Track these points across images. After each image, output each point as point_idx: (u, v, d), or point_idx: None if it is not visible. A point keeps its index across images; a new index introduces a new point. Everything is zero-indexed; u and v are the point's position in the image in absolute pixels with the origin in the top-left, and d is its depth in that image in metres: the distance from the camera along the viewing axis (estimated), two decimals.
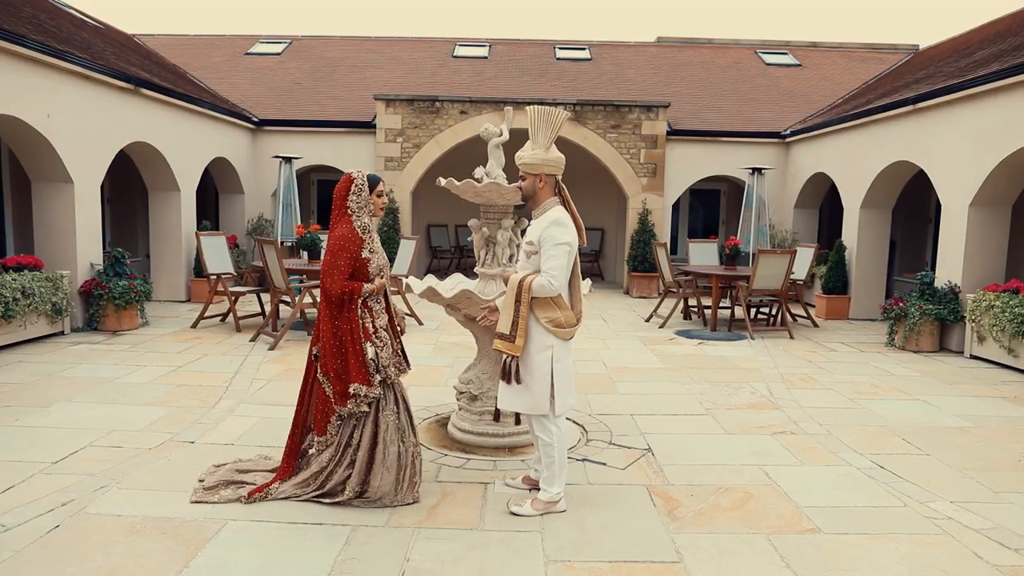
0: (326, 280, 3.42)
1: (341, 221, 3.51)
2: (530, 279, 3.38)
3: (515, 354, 3.40)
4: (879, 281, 10.33)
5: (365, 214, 3.56)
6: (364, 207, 3.55)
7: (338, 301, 3.46)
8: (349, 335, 3.47)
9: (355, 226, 3.49)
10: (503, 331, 3.44)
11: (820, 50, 17.46)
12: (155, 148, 9.52)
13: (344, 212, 3.51)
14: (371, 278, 3.57)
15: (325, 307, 3.51)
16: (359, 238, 3.49)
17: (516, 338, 3.40)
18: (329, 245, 3.48)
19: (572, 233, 3.40)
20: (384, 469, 3.54)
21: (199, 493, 3.58)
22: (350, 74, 15.30)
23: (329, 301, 3.48)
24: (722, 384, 6.28)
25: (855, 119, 10.17)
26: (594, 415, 5.22)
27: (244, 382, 5.93)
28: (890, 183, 9.86)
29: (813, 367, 7.06)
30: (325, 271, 3.43)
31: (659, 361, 7.22)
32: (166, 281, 10.30)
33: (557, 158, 3.47)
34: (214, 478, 3.73)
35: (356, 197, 3.52)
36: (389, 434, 3.56)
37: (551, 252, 3.33)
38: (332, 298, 3.45)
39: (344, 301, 3.46)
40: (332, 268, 3.42)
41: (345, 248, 3.44)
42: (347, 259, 3.44)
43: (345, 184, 3.55)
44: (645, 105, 12.66)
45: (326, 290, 3.44)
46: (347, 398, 3.49)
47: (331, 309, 3.49)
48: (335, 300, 3.45)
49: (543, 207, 3.49)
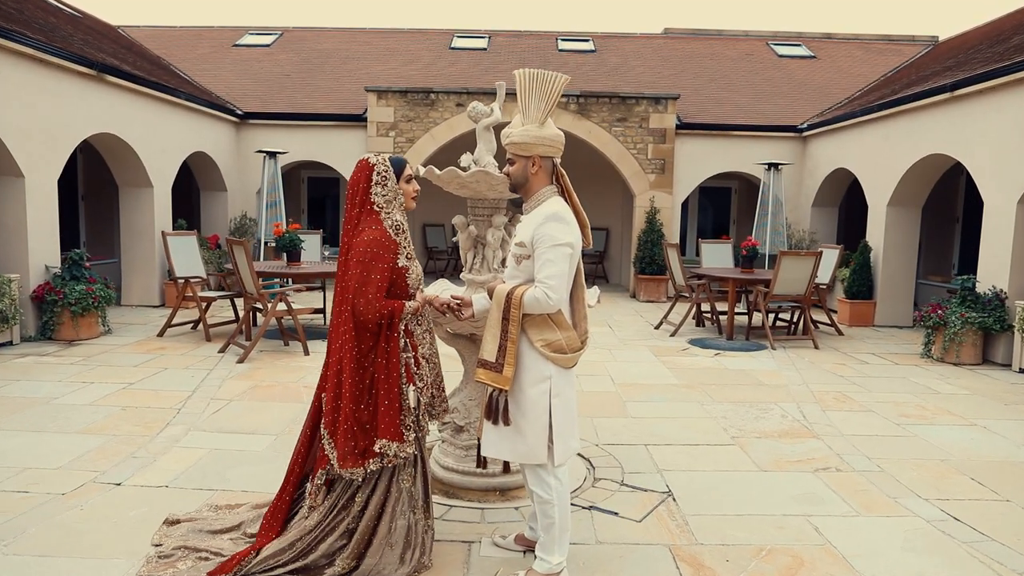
0: (359, 301, 2.62)
1: (366, 221, 2.71)
2: (521, 291, 2.64)
3: (503, 387, 2.65)
4: (907, 285, 9.56)
5: (396, 209, 2.77)
6: (393, 200, 2.77)
7: (374, 328, 2.66)
8: (384, 373, 2.66)
9: (386, 226, 2.72)
10: (487, 358, 2.69)
11: (834, 41, 16.68)
12: (123, 141, 8.79)
13: (368, 210, 2.73)
14: (411, 293, 2.81)
15: (348, 335, 2.66)
16: (393, 241, 2.71)
17: (504, 367, 2.66)
18: (356, 254, 2.65)
19: (574, 231, 2.65)
20: (387, 546, 2.75)
21: (151, 565, 2.77)
22: (342, 66, 14.56)
23: (360, 328, 2.66)
24: (746, 404, 5.52)
25: (882, 110, 9.40)
26: (602, 445, 4.46)
27: (201, 403, 5.19)
28: (921, 179, 9.08)
29: (845, 383, 6.30)
30: (356, 289, 2.63)
31: (673, 376, 6.46)
32: (138, 284, 9.57)
33: (554, 135, 2.71)
34: (172, 541, 2.93)
35: (381, 188, 2.74)
36: (401, 504, 2.78)
37: (547, 256, 2.58)
38: (367, 324, 2.64)
39: (382, 327, 2.68)
40: (365, 284, 2.62)
41: (379, 257, 2.64)
42: (383, 271, 2.65)
43: (363, 174, 2.75)
44: (653, 97, 11.90)
45: (359, 314, 2.63)
46: (368, 457, 2.66)
47: (360, 338, 2.67)
48: (371, 327, 2.66)
49: (537, 198, 2.74)
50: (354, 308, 2.62)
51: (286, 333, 7.26)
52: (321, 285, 9.17)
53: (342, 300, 2.71)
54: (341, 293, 2.72)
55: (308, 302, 9.77)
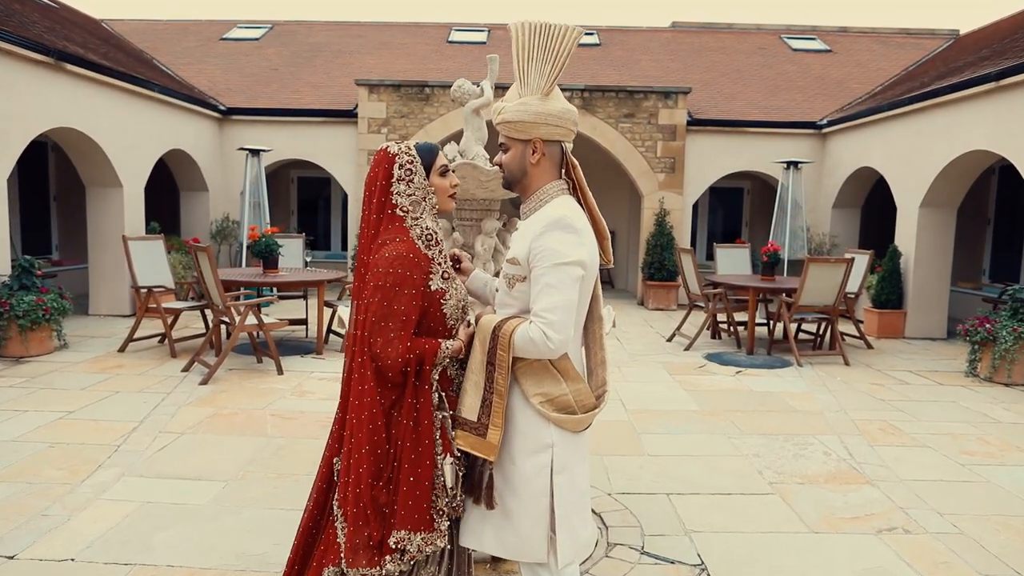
0: (377, 341, 1.89)
1: (387, 231, 1.98)
2: (512, 326, 1.90)
3: (488, 457, 1.92)
4: (940, 294, 8.80)
5: (426, 212, 2.03)
6: (423, 200, 2.02)
7: (398, 378, 1.92)
8: (412, 439, 1.90)
9: (413, 236, 1.98)
10: (466, 415, 1.96)
11: (850, 35, 15.92)
12: (88, 136, 8.06)
13: (390, 215, 1.99)
14: (450, 326, 2.04)
15: (366, 385, 1.91)
16: (423, 257, 1.96)
17: (489, 429, 1.92)
18: (373, 277, 1.93)
19: (587, 245, 1.92)
20: None
21: None
22: (333, 60, 13.84)
23: (380, 378, 1.91)
24: (780, 438, 4.77)
25: (913, 103, 8.64)
26: (616, 496, 3.72)
27: (146, 437, 4.45)
28: (958, 177, 8.32)
29: (888, 408, 5.55)
30: (373, 325, 1.89)
31: (692, 399, 5.72)
32: (107, 292, 8.84)
33: (561, 111, 1.97)
34: None
35: (405, 185, 2.00)
36: None
37: (547, 279, 1.85)
38: (388, 372, 1.90)
39: (408, 377, 1.92)
40: (385, 319, 1.89)
41: (404, 280, 1.90)
42: (409, 299, 1.91)
43: (382, 167, 2.01)
44: (662, 91, 11.15)
45: (377, 359, 1.90)
46: (384, 554, 1.89)
47: (381, 391, 1.92)
48: (393, 376, 1.91)
49: (538, 198, 2.01)
50: (371, 351, 1.89)
51: (259, 349, 6.52)
52: (303, 294, 8.44)
53: (360, 334, 1.94)
54: (359, 325, 1.96)
55: (293, 312, 9.05)
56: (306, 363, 6.63)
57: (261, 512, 3.43)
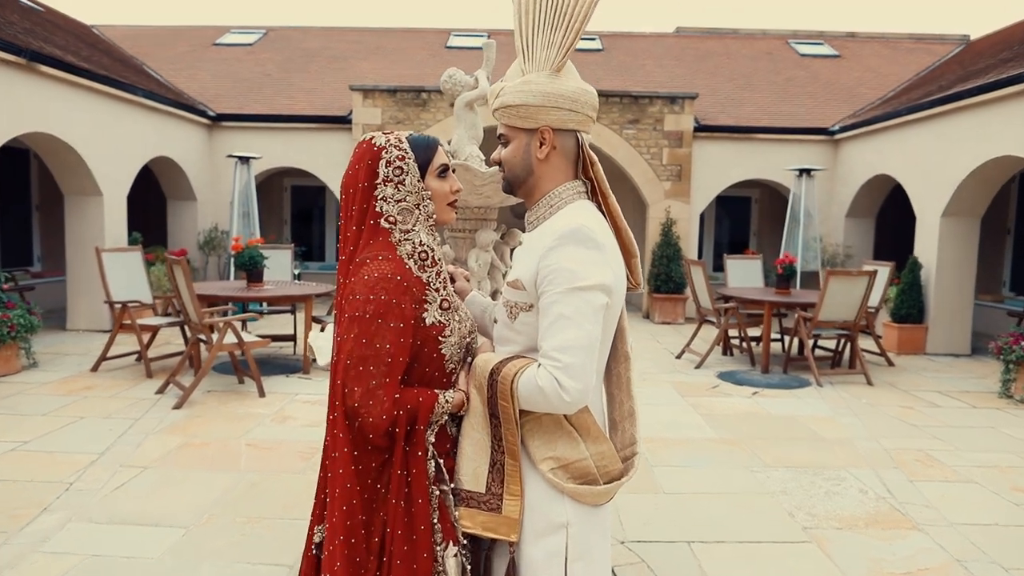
0: (354, 392, 1.43)
1: (370, 247, 1.54)
2: (516, 370, 1.46)
3: (508, 538, 1.48)
4: (964, 308, 8.35)
5: (420, 223, 1.57)
6: (415, 208, 1.56)
7: (382, 441, 1.46)
8: (404, 525, 1.46)
9: (402, 255, 1.53)
10: (469, 486, 1.52)
11: (858, 40, 15.54)
12: (64, 142, 7.63)
13: (373, 226, 1.55)
14: (450, 371, 1.59)
15: (342, 449, 1.47)
16: (416, 281, 1.52)
17: (505, 500, 1.48)
18: (351, 307, 1.48)
19: (612, 264, 1.48)
20: None
21: None
22: (328, 65, 13.45)
23: (359, 441, 1.46)
24: (809, 471, 4.31)
25: (934, 107, 8.23)
26: (630, 544, 3.26)
27: (105, 472, 4.00)
28: (983, 185, 7.90)
29: (922, 435, 5.09)
30: (347, 370, 1.44)
31: (707, 425, 5.26)
32: (85, 307, 8.39)
33: (576, 91, 1.53)
34: None
35: (394, 188, 1.54)
36: None
37: (560, 308, 1.41)
38: (369, 433, 1.45)
39: (395, 440, 1.47)
40: (364, 361, 1.43)
41: (389, 311, 1.45)
42: (396, 335, 1.46)
43: (363, 164, 1.55)
44: (668, 96, 10.74)
45: (354, 415, 1.44)
46: None
47: (359, 457, 1.47)
48: (376, 439, 1.46)
49: (548, 203, 1.57)
50: (346, 405, 1.43)
51: (240, 369, 6.07)
52: (291, 309, 7.99)
53: (332, 380, 1.50)
54: (332, 369, 1.52)
55: (282, 327, 8.61)
56: (291, 384, 6.18)
57: (223, 568, 2.97)
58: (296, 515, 3.49)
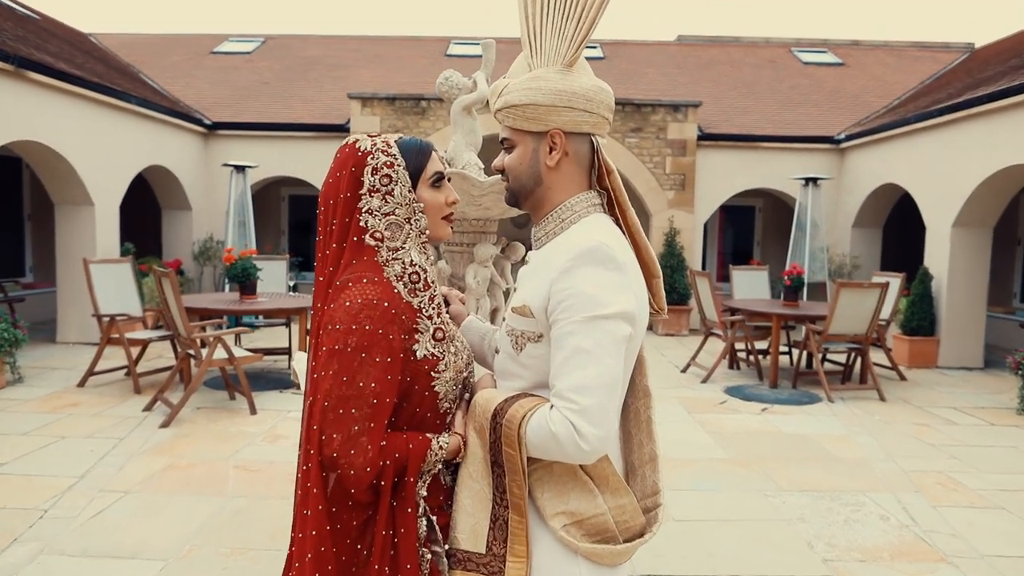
0: (332, 440, 1.22)
1: (353, 267, 1.34)
2: (522, 413, 1.26)
3: None
4: (976, 320, 8.14)
5: (411, 239, 1.36)
6: (405, 223, 1.36)
7: (365, 497, 1.27)
8: None
9: (389, 276, 1.33)
10: (466, 546, 1.31)
11: (862, 48, 15.41)
12: (54, 151, 7.45)
13: (355, 243, 1.35)
14: (445, 411, 1.39)
15: (316, 506, 1.24)
16: (406, 308, 1.31)
17: (508, 563, 1.28)
18: (329, 339, 1.27)
19: (635, 287, 1.28)
20: None
21: None
22: (327, 73, 13.30)
23: (337, 496, 1.26)
24: (826, 495, 4.09)
25: (944, 115, 8.05)
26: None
27: (83, 497, 3.78)
28: (996, 195, 7.71)
29: (941, 456, 4.88)
30: (324, 414, 1.23)
31: (716, 444, 5.05)
32: (76, 319, 8.18)
33: (592, 88, 1.33)
34: None
35: (381, 199, 1.34)
36: None
37: (580, 341, 1.21)
38: (350, 487, 1.24)
39: (381, 495, 1.27)
40: (344, 403, 1.22)
41: (374, 343, 1.25)
42: (383, 372, 1.25)
43: (348, 169, 1.35)
44: (671, 104, 10.58)
45: (333, 466, 1.23)
46: None
47: (336, 514, 1.27)
48: (358, 494, 1.26)
49: (559, 216, 1.37)
50: (323, 454, 1.22)
51: (231, 385, 5.86)
52: (287, 321, 7.79)
53: (308, 425, 1.27)
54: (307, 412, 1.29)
55: (275, 340, 8.41)
56: (284, 400, 5.97)
57: None
58: (284, 545, 3.25)
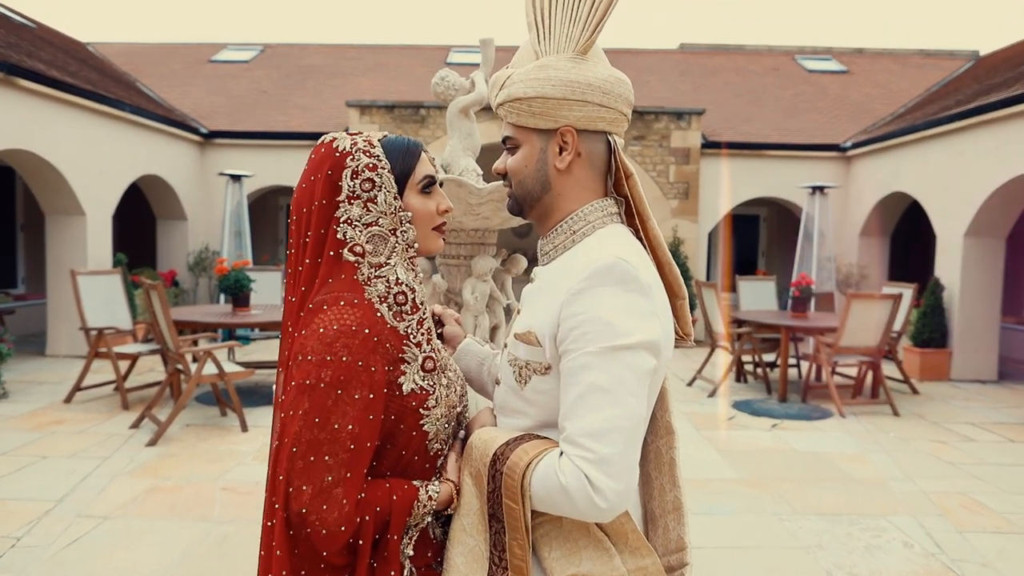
0: (302, 490, 1.00)
1: (328, 287, 1.12)
2: (527, 460, 1.06)
3: None
4: (990, 331, 7.94)
5: (397, 254, 1.16)
6: (390, 234, 1.16)
7: (340, 560, 1.05)
8: None
9: (371, 297, 1.12)
10: None
11: (866, 56, 15.27)
12: (45, 160, 7.28)
13: (331, 258, 1.14)
14: (435, 454, 1.19)
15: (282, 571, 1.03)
16: (390, 334, 1.11)
17: None
18: (298, 370, 1.05)
19: (660, 311, 1.08)
20: None
21: None
22: (326, 82, 13.17)
23: (306, 556, 1.04)
24: (844, 519, 3.88)
25: (954, 121, 7.88)
26: None
27: (60, 522, 3.58)
28: (1009, 203, 7.53)
29: (962, 475, 4.67)
30: (291, 462, 1.02)
31: (727, 464, 4.84)
32: (66, 331, 7.99)
33: (609, 79, 1.14)
34: None
35: (362, 208, 1.14)
36: None
37: (596, 376, 1.00)
38: (323, 549, 1.02)
39: (358, 555, 1.05)
40: (315, 449, 1.01)
41: (352, 377, 1.04)
42: (361, 412, 1.04)
43: (323, 172, 1.15)
44: (675, 112, 10.42)
45: (304, 523, 1.01)
46: None
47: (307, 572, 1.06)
48: (332, 556, 1.04)
49: (570, 228, 1.17)
50: (290, 508, 1.02)
51: (223, 401, 5.66)
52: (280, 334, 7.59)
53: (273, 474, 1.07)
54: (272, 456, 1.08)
55: (271, 354, 8.21)
56: None
57: None
58: None
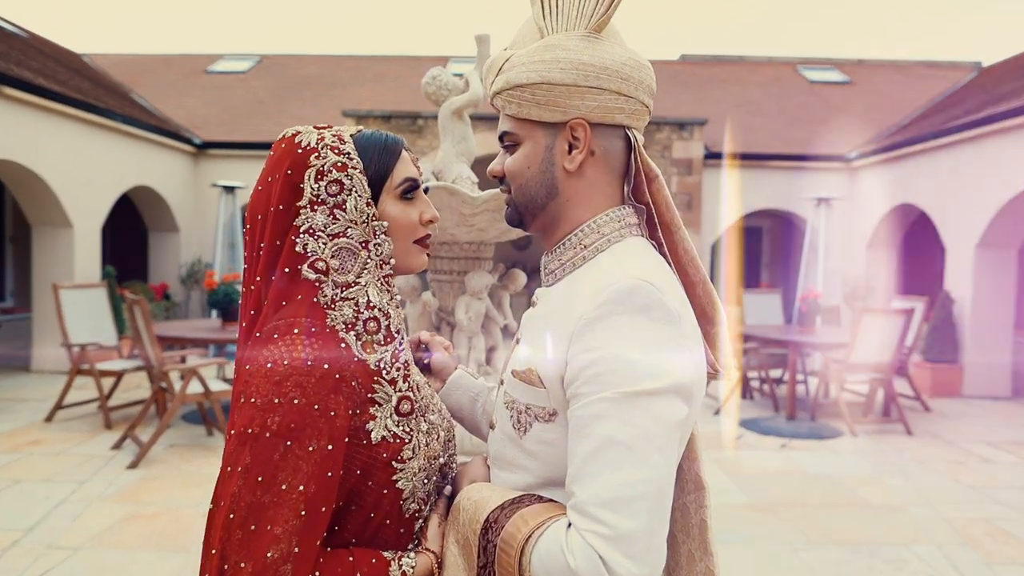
0: (240, 567, 0.77)
1: (280, 309, 0.90)
2: (528, 531, 0.83)
3: None
4: (1003, 346, 7.72)
5: (369, 271, 0.93)
6: (360, 247, 0.93)
7: None
8: None
9: (335, 324, 0.89)
10: None
11: (868, 66, 15.15)
12: (30, 170, 7.09)
13: (286, 275, 0.91)
14: (408, 516, 0.95)
15: None
16: (357, 369, 0.88)
17: None
18: (240, 416, 0.83)
19: (691, 345, 0.85)
20: None
21: None
22: (324, 92, 13.03)
23: None
24: (864, 549, 3.65)
25: (963, 131, 7.70)
26: None
27: (28, 554, 3.34)
28: (1021, 215, 7.33)
29: (984, 500, 4.44)
30: (230, 528, 0.79)
31: (737, 488, 4.61)
32: (52, 347, 7.75)
33: (628, 63, 0.93)
34: None
35: (326, 214, 0.91)
36: None
37: (612, 429, 0.78)
38: None
39: None
40: (257, 515, 0.79)
41: (305, 425, 0.81)
42: (317, 468, 0.81)
43: (282, 171, 0.92)
44: (677, 122, 10.25)
45: None
46: None
47: None
48: None
49: (580, 242, 0.96)
50: None
51: (208, 420, 5.43)
52: None
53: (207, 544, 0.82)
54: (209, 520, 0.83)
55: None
56: None
57: None
58: None
